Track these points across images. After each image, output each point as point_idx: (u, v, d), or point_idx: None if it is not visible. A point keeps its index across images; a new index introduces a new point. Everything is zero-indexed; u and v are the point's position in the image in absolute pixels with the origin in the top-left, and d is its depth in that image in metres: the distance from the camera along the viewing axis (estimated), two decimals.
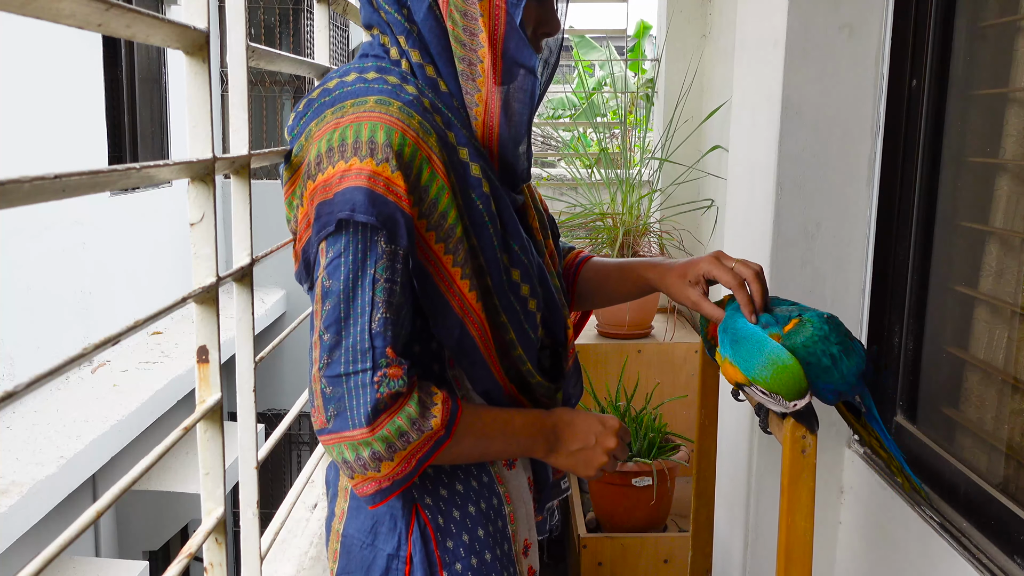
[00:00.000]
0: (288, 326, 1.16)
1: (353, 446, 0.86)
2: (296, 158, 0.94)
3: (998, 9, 1.28)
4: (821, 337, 1.16)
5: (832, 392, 1.18)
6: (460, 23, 0.93)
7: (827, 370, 1.15)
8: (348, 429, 0.86)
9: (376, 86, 0.91)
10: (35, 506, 3.49)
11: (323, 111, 0.91)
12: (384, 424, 0.85)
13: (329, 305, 0.86)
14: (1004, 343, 1.19)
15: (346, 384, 0.85)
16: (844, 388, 1.17)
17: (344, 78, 0.94)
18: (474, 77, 0.95)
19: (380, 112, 0.87)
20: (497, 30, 0.93)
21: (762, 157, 1.65)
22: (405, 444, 0.86)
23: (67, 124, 4.70)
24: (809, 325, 1.16)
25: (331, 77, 0.96)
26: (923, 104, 1.40)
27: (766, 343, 1.13)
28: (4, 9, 0.56)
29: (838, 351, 1.17)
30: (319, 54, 1.41)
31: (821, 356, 1.15)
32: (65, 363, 0.60)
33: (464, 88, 0.95)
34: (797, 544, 1.12)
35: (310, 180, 0.89)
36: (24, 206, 0.57)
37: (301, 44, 7.15)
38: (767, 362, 1.12)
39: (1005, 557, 1.10)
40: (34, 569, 0.59)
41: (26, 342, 4.25)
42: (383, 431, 0.85)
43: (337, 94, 0.92)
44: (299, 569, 1.26)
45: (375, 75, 0.93)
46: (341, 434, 0.86)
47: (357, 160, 0.85)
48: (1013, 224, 1.18)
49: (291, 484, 1.63)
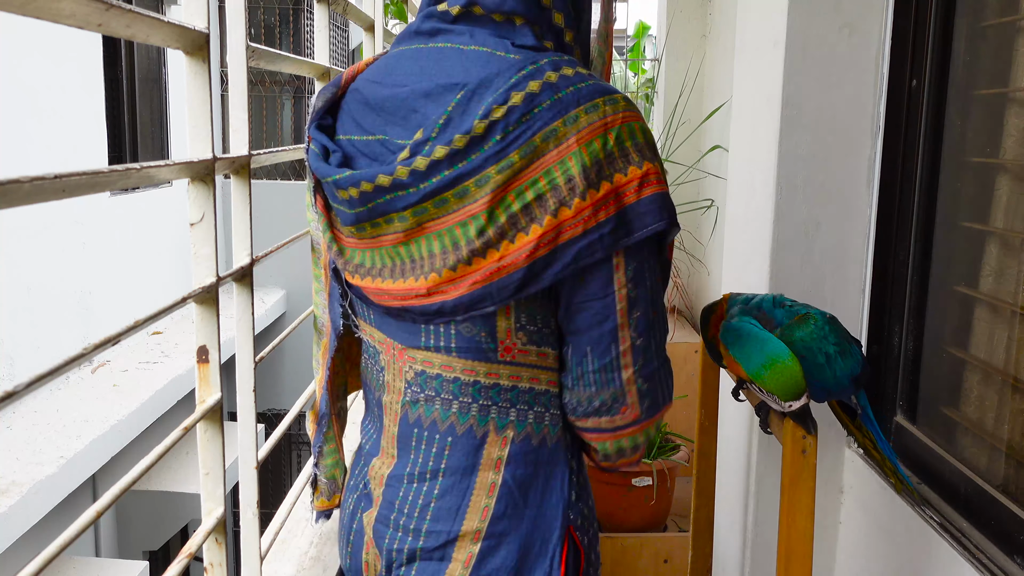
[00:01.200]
0: (288, 326, 1.16)
1: (649, 429, 0.94)
2: (523, 157, 0.83)
3: (998, 9, 1.28)
4: (820, 336, 1.17)
5: (823, 390, 1.19)
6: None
7: (820, 367, 1.16)
8: (656, 413, 0.93)
9: (600, 82, 0.87)
10: (35, 506, 3.49)
11: (568, 108, 0.83)
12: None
13: (639, 313, 0.88)
14: (1004, 343, 1.19)
15: (658, 377, 0.92)
16: (835, 388, 1.18)
17: (562, 71, 0.85)
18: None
19: (634, 111, 0.86)
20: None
21: (762, 157, 1.65)
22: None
23: (67, 124, 4.70)
24: (812, 322, 1.17)
25: (544, 69, 0.85)
26: (923, 104, 1.40)
27: (768, 341, 1.14)
28: (4, 9, 0.56)
29: (834, 351, 1.18)
30: (319, 54, 1.41)
31: (817, 353, 1.16)
32: (65, 363, 0.60)
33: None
34: (797, 544, 1.12)
35: (590, 187, 0.82)
36: (24, 206, 0.57)
37: (301, 44, 7.16)
38: (767, 360, 1.13)
39: (1005, 557, 1.10)
40: (34, 569, 0.59)
41: (26, 342, 4.26)
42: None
43: (573, 90, 0.84)
44: (299, 569, 1.26)
45: (581, 69, 0.88)
46: (652, 419, 0.93)
47: (648, 164, 0.84)
48: (1013, 224, 1.18)
49: (291, 484, 1.63)
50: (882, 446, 1.25)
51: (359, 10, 1.65)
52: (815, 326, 1.18)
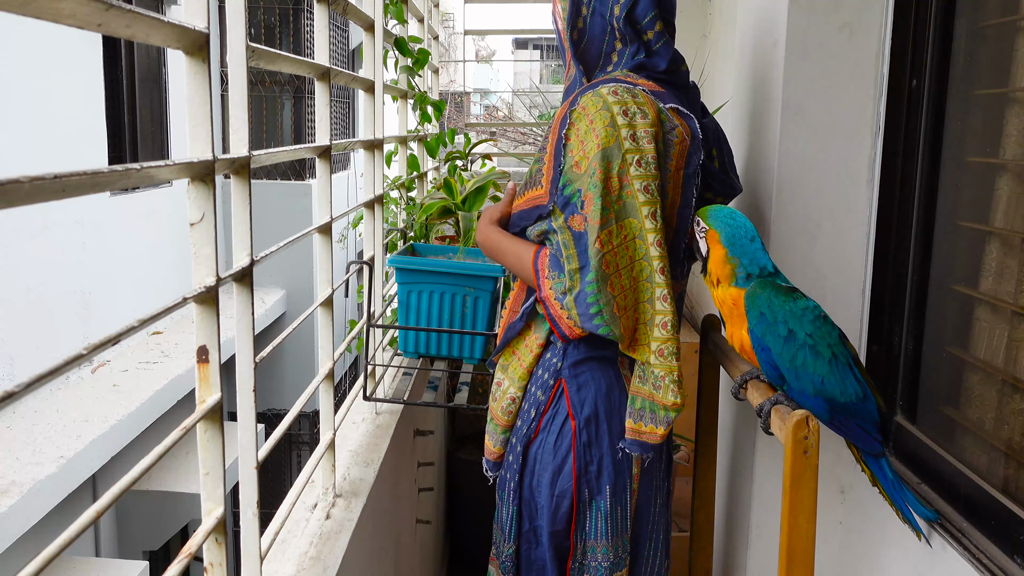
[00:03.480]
0: (288, 326, 1.16)
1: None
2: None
3: (998, 9, 1.28)
4: (826, 331, 1.19)
5: (813, 388, 1.18)
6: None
7: (824, 362, 1.17)
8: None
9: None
10: (35, 506, 3.49)
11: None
12: None
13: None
14: (1004, 343, 1.19)
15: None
16: (822, 390, 1.18)
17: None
18: None
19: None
20: None
21: (762, 157, 1.65)
22: None
23: (67, 124, 4.70)
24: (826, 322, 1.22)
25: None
26: (923, 104, 1.40)
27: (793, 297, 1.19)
28: (4, 9, 0.56)
29: (831, 352, 1.18)
30: (319, 54, 1.41)
31: (818, 341, 1.17)
32: (65, 363, 0.60)
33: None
34: (799, 545, 1.12)
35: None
36: (24, 206, 0.57)
37: (301, 44, 7.15)
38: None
39: (1005, 557, 1.10)
40: (34, 569, 0.59)
41: (26, 342, 4.26)
42: None
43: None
44: (299, 569, 1.26)
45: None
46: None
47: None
48: (1013, 224, 1.18)
49: (291, 484, 1.63)
50: (890, 494, 1.23)
51: (359, 10, 1.65)
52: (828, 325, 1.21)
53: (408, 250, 2.05)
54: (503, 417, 1.53)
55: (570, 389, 1.45)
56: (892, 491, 1.22)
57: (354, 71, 6.40)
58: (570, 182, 1.36)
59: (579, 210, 1.34)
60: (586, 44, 1.47)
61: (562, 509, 1.46)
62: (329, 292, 1.43)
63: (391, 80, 2.36)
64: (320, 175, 1.39)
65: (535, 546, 1.51)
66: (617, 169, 1.31)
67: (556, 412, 1.46)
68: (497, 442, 1.55)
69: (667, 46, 1.46)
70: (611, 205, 1.32)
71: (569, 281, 1.35)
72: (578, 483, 1.44)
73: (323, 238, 1.38)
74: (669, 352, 1.35)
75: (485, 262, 1.96)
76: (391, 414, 1.91)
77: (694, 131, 1.41)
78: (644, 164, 1.32)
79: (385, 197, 2.29)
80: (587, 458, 1.44)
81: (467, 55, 16.62)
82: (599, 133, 1.32)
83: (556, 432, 1.46)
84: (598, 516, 1.46)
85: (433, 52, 3.01)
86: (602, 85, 1.38)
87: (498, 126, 7.82)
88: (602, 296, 1.32)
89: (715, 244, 1.27)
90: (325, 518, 1.41)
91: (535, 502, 1.49)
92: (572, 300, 1.34)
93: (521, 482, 1.50)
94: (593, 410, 1.44)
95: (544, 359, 1.49)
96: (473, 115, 14.40)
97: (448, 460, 3.20)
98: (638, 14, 1.43)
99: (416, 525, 2.25)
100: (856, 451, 1.25)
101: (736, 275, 1.26)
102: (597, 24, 1.45)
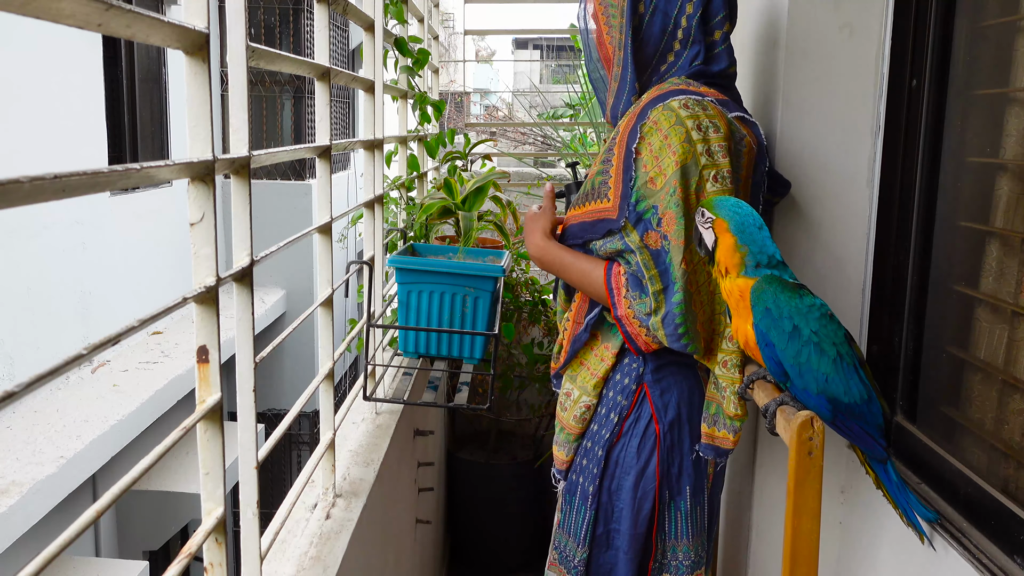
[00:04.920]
0: (288, 326, 1.16)
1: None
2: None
3: (998, 9, 1.28)
4: (832, 329, 1.19)
5: (816, 387, 1.18)
6: None
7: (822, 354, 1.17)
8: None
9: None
10: (35, 506, 3.49)
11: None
12: None
13: None
14: (1004, 343, 1.19)
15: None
16: (825, 389, 1.18)
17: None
18: None
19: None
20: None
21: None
22: None
23: (67, 124, 4.70)
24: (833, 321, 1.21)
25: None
26: (923, 104, 1.40)
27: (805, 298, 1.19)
28: (4, 9, 0.56)
29: (836, 351, 1.18)
30: (319, 54, 1.41)
31: (823, 339, 1.17)
32: (65, 363, 0.60)
33: None
34: (803, 546, 1.12)
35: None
36: (24, 206, 0.57)
37: (301, 44, 7.15)
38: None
39: (1005, 557, 1.10)
40: (34, 569, 0.59)
41: (26, 342, 4.25)
42: None
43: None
44: (299, 569, 1.26)
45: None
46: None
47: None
48: (1013, 224, 1.18)
49: (291, 484, 1.63)
50: (896, 499, 1.23)
51: (359, 10, 1.65)
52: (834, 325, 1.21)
53: (408, 250, 2.05)
54: (576, 425, 1.55)
55: (653, 393, 1.48)
56: (897, 495, 1.22)
57: (354, 71, 6.40)
58: (644, 198, 1.35)
59: (654, 227, 1.34)
60: (641, 44, 1.44)
61: (644, 511, 1.48)
62: (329, 292, 1.42)
63: (391, 80, 2.36)
64: (320, 175, 1.39)
65: (605, 550, 1.53)
66: (695, 186, 1.31)
67: (639, 416, 1.48)
68: (569, 450, 1.57)
69: (730, 47, 1.45)
70: (691, 223, 1.31)
71: (654, 302, 1.34)
72: (660, 484, 1.47)
73: (323, 238, 1.38)
74: (732, 364, 1.37)
75: (485, 262, 1.96)
76: (391, 414, 1.91)
77: (760, 139, 1.41)
78: (720, 179, 1.32)
79: (385, 197, 2.29)
80: (670, 460, 1.47)
81: (467, 55, 16.60)
82: (675, 149, 1.31)
83: (640, 435, 1.48)
84: (678, 516, 1.49)
85: (433, 52, 3.01)
86: (671, 98, 1.36)
87: (498, 126, 7.83)
88: (688, 315, 1.32)
89: (723, 233, 1.26)
90: (325, 518, 1.41)
91: (612, 505, 1.51)
92: (659, 321, 1.34)
93: (600, 486, 1.51)
94: (676, 413, 1.47)
95: (623, 365, 1.50)
96: (473, 115, 14.39)
97: (448, 460, 3.20)
98: (711, 13, 1.42)
99: (416, 525, 2.25)
100: (860, 453, 1.25)
101: (746, 263, 1.25)
102: (657, 23, 1.43)
